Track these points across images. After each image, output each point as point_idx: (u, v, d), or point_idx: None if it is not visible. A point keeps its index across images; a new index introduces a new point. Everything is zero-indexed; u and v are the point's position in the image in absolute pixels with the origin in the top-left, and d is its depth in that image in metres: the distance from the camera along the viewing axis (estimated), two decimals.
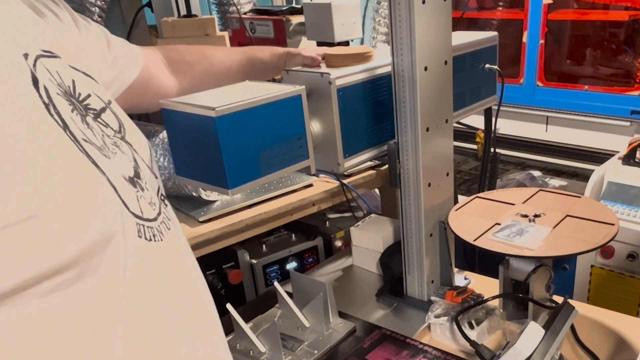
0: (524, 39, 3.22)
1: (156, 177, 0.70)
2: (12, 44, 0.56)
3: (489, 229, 0.98)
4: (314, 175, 1.48)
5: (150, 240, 0.62)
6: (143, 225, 0.61)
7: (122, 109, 0.69)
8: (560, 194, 1.11)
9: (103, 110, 0.64)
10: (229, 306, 1.08)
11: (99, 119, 0.62)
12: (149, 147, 0.71)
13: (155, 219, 0.64)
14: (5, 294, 0.47)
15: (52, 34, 0.66)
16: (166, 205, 0.69)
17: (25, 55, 0.56)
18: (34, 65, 0.56)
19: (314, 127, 1.02)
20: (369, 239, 1.35)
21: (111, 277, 0.55)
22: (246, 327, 1.07)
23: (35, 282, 0.49)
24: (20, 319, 0.49)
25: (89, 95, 0.62)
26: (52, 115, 0.54)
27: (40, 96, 0.54)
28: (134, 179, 0.62)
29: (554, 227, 0.97)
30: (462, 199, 1.19)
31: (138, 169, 0.64)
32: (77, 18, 0.76)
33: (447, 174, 1.14)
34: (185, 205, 1.41)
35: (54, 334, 0.51)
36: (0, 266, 0.46)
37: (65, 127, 0.55)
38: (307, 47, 1.17)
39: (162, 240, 0.64)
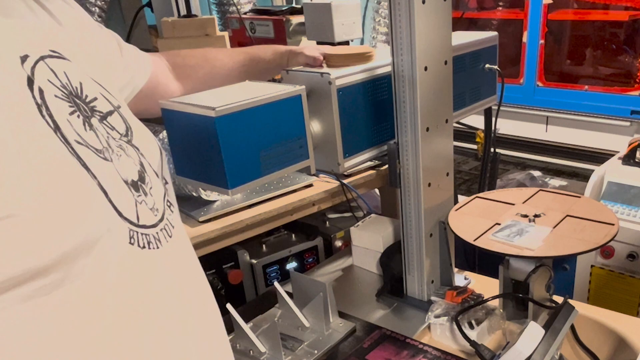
0: (524, 39, 3.22)
1: (166, 183, 0.69)
2: (10, 45, 0.56)
3: (489, 229, 0.98)
4: (314, 175, 1.48)
5: (144, 247, 0.60)
6: (137, 232, 0.59)
7: (132, 114, 0.69)
8: (560, 194, 1.11)
9: (110, 113, 0.63)
10: (229, 306, 1.08)
11: (104, 122, 0.61)
12: (161, 152, 0.70)
13: (154, 226, 0.62)
14: None
15: (65, 38, 0.66)
16: (172, 211, 0.68)
17: (25, 57, 0.56)
18: (34, 66, 0.56)
19: (314, 127, 1.02)
20: (369, 239, 1.35)
21: (94, 284, 0.54)
22: (246, 327, 1.07)
23: (11, 286, 0.47)
24: (2, 321, 0.48)
25: (95, 98, 0.62)
26: (43, 116, 0.53)
27: (34, 97, 0.54)
28: (138, 183, 0.61)
29: (554, 227, 0.97)
30: (462, 199, 1.19)
31: (144, 173, 0.63)
32: (94, 25, 0.76)
33: (447, 174, 1.14)
34: (185, 205, 1.41)
35: (35, 342, 0.50)
36: None
37: (56, 128, 0.54)
38: (309, 45, 1.17)
39: (158, 248, 0.62)
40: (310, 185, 1.54)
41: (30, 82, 0.54)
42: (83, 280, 0.52)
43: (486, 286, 1.16)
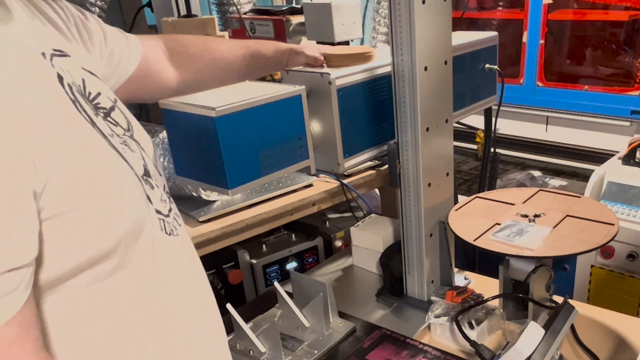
0: (524, 39, 3.21)
1: (160, 174, 0.72)
2: (31, 43, 0.57)
3: (489, 229, 0.98)
4: (314, 175, 1.48)
5: (170, 234, 0.66)
6: (163, 220, 0.65)
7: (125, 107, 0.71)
8: (560, 194, 1.11)
9: (112, 109, 0.65)
10: (229, 306, 1.08)
11: (108, 118, 0.63)
12: (152, 144, 0.73)
13: (168, 215, 0.67)
14: (51, 282, 0.51)
15: (59, 35, 0.67)
16: (172, 201, 0.72)
17: (43, 54, 0.56)
18: (52, 63, 0.57)
19: (314, 127, 1.02)
20: (369, 239, 1.35)
21: (142, 268, 0.59)
22: (246, 327, 1.07)
23: (76, 273, 0.52)
24: (65, 306, 0.53)
25: (98, 94, 0.63)
26: (79, 111, 0.56)
27: (67, 93, 0.56)
28: (144, 177, 0.64)
29: (554, 227, 0.97)
30: (462, 199, 1.19)
31: (147, 167, 0.66)
32: (75, 17, 0.74)
33: (447, 174, 1.14)
34: (185, 205, 1.41)
35: (97, 321, 0.56)
36: (48, 255, 0.49)
37: (92, 123, 0.57)
38: (309, 44, 1.16)
39: (177, 235, 0.68)
40: (310, 185, 1.54)
41: (61, 78, 0.56)
42: (133, 264, 0.58)
43: (486, 286, 1.16)
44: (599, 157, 2.77)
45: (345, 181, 1.55)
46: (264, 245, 1.65)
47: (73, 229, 0.50)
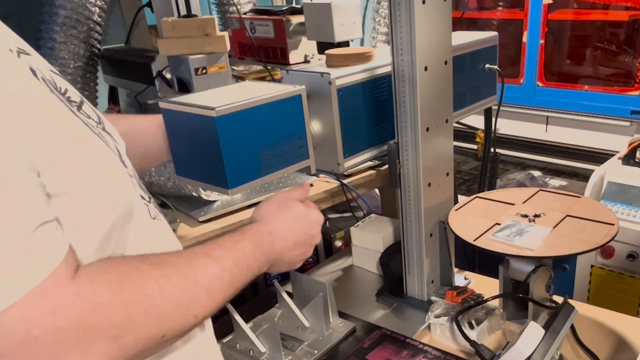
0: (524, 39, 3.21)
1: (132, 166, 0.74)
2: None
3: (489, 229, 0.98)
4: (314, 175, 1.48)
5: (155, 219, 0.67)
6: (147, 205, 0.66)
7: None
8: (560, 194, 1.11)
9: (82, 103, 0.67)
10: (229, 306, 1.08)
11: (81, 111, 0.64)
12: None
13: (150, 201, 0.69)
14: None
15: (21, 39, 0.67)
16: (147, 191, 0.74)
17: (10, 50, 0.57)
18: (19, 59, 0.57)
19: (314, 127, 1.02)
20: (369, 239, 1.35)
21: (134, 251, 0.60)
22: (246, 327, 1.07)
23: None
24: None
25: (67, 90, 0.65)
26: (61, 101, 0.57)
27: (44, 85, 0.56)
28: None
29: (554, 227, 0.97)
30: (462, 199, 1.19)
31: (122, 158, 0.68)
32: None
33: (447, 174, 1.14)
34: (185, 205, 1.41)
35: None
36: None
37: (73, 112, 0.58)
38: None
39: (160, 220, 0.70)
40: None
41: (34, 72, 0.56)
42: (127, 249, 0.59)
43: (486, 286, 1.16)
44: (599, 157, 2.77)
45: (345, 181, 1.55)
46: None
47: (70, 211, 0.51)
